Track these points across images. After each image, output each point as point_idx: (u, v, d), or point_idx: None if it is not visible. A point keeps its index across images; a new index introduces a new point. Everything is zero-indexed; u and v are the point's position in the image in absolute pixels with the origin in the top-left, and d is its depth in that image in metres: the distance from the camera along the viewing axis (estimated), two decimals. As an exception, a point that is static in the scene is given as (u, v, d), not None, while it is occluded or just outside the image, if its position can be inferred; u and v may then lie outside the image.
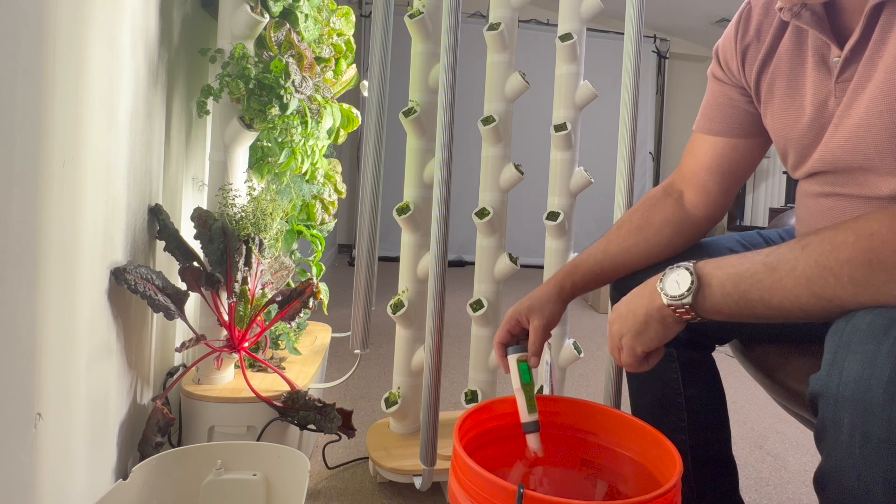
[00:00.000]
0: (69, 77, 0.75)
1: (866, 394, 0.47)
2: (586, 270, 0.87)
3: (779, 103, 0.74)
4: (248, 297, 1.12)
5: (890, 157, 0.60)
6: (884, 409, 0.46)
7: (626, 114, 1.14)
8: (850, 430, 0.48)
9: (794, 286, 0.54)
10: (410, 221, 1.22)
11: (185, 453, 0.91)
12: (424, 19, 1.19)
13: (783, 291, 0.54)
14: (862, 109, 0.62)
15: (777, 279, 0.55)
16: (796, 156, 0.74)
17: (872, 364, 0.47)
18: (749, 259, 0.58)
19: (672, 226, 0.86)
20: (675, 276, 0.62)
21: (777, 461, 1.46)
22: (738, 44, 0.78)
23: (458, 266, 4.56)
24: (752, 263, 0.57)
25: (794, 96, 0.72)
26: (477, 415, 0.79)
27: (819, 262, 0.52)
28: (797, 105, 0.71)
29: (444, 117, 1.02)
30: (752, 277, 0.56)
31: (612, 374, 1.12)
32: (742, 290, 0.57)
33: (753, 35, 0.76)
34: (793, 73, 0.72)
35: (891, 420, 0.45)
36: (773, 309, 0.55)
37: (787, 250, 0.55)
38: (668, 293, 0.61)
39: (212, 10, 1.25)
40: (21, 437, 0.68)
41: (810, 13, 0.66)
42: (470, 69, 2.77)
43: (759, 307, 0.56)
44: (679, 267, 0.62)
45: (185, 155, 1.27)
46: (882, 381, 0.46)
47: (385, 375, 1.92)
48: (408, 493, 1.19)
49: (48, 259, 0.72)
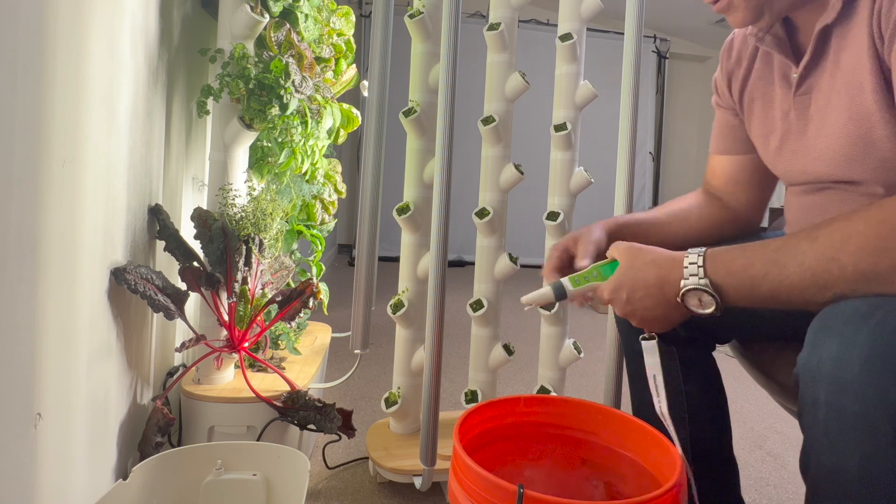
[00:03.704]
0: (69, 77, 0.75)
1: (842, 371, 0.47)
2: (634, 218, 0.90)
3: (756, 119, 0.81)
4: (248, 297, 1.12)
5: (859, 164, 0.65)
6: (859, 384, 0.46)
7: (626, 114, 1.14)
8: (826, 407, 0.49)
9: (799, 281, 0.54)
10: (410, 221, 1.22)
11: (185, 453, 0.91)
12: (424, 19, 1.19)
13: (790, 287, 0.55)
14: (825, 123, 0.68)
15: (785, 276, 0.55)
16: (776, 168, 0.79)
17: (851, 343, 0.47)
18: (759, 258, 0.58)
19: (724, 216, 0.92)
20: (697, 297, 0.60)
21: (777, 461, 1.46)
22: (724, 71, 0.87)
23: (458, 266, 4.56)
24: (762, 264, 0.57)
25: (767, 112, 0.78)
26: (477, 415, 0.79)
27: (826, 253, 0.52)
28: (770, 119, 0.78)
29: (444, 117, 1.02)
30: (764, 278, 0.57)
31: (612, 374, 1.12)
32: (755, 294, 0.58)
33: (735, 61, 0.85)
34: (765, 91, 0.79)
35: (864, 395, 0.46)
36: (782, 303, 0.56)
37: (796, 242, 0.55)
38: (694, 311, 0.62)
39: (212, 10, 1.25)
40: (21, 437, 0.68)
41: (772, 37, 0.73)
42: (470, 69, 2.77)
43: (770, 302, 0.57)
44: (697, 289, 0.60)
45: (185, 155, 1.27)
46: (860, 360, 0.46)
47: (385, 375, 1.92)
48: (408, 493, 1.19)
49: (48, 259, 0.72)
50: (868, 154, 0.64)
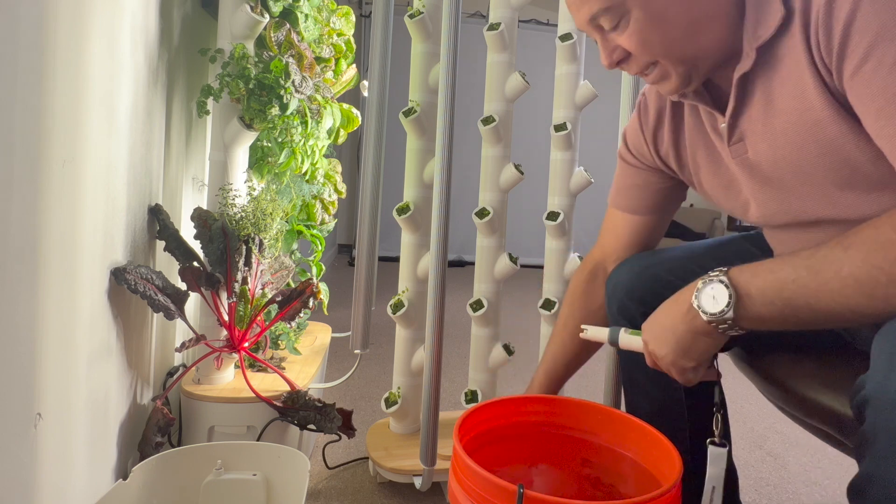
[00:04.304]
0: (69, 77, 0.75)
1: None
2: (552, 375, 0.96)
3: (706, 172, 0.78)
4: (248, 297, 1.12)
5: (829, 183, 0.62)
6: None
7: (626, 114, 1.14)
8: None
9: (842, 288, 0.53)
10: (410, 221, 1.22)
11: (185, 453, 0.91)
12: (424, 19, 1.19)
13: (830, 294, 0.53)
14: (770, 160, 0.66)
15: (822, 282, 0.54)
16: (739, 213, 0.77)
17: None
18: (787, 263, 0.57)
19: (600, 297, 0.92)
20: (711, 291, 0.60)
21: (777, 461, 1.46)
22: (644, 132, 0.83)
23: (458, 266, 4.56)
24: (791, 268, 0.56)
25: (718, 162, 0.76)
26: (477, 415, 0.79)
27: (867, 261, 0.51)
28: (724, 169, 0.75)
29: (444, 117, 1.02)
30: (795, 283, 0.55)
31: (612, 374, 1.12)
32: (786, 297, 0.56)
33: (655, 120, 0.82)
34: (705, 143, 0.76)
35: None
36: (820, 313, 0.54)
37: (827, 252, 0.54)
38: (707, 310, 0.60)
39: (212, 10, 1.25)
40: (21, 437, 0.68)
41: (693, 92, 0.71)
42: (470, 69, 2.77)
43: (805, 312, 0.55)
44: (712, 280, 0.60)
45: (185, 155, 1.27)
46: None
47: (385, 375, 1.92)
48: (408, 493, 1.19)
49: (48, 259, 0.72)
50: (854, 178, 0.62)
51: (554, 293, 1.29)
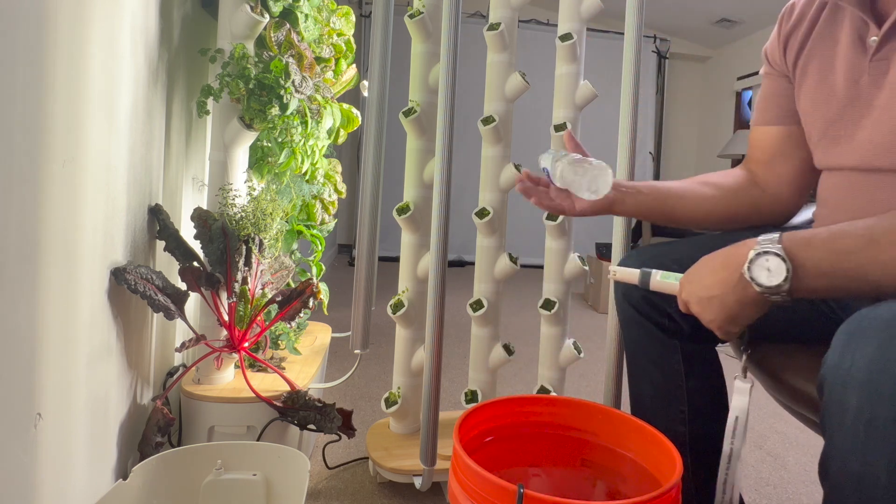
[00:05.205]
0: (69, 77, 0.75)
1: (877, 376, 0.46)
2: (649, 186, 0.85)
3: (810, 83, 0.75)
4: (248, 297, 1.12)
5: None
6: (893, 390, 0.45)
7: (626, 114, 1.14)
8: (855, 412, 0.48)
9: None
10: (410, 221, 1.22)
11: (185, 453, 0.91)
12: (424, 19, 1.19)
13: (884, 266, 0.53)
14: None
15: (878, 252, 0.53)
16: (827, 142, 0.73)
17: (888, 348, 0.46)
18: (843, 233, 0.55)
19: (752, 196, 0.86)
20: (766, 263, 0.58)
21: (777, 461, 1.46)
22: (780, 33, 0.81)
23: (458, 266, 4.56)
24: (850, 239, 0.55)
25: (825, 76, 0.73)
26: (477, 415, 0.79)
27: None
28: (829, 85, 0.72)
29: (444, 117, 1.02)
30: (851, 253, 0.54)
31: (612, 374, 1.12)
32: (843, 268, 0.55)
33: (796, 21, 0.79)
34: (826, 54, 0.73)
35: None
36: (872, 283, 0.54)
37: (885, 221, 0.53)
38: (761, 283, 0.58)
39: (212, 10, 1.25)
40: (21, 437, 0.68)
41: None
42: (470, 69, 2.77)
43: (857, 283, 0.55)
44: (767, 253, 0.57)
45: (185, 155, 1.27)
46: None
47: (385, 375, 1.92)
48: (408, 493, 1.19)
49: (48, 259, 0.72)
50: None
51: (554, 293, 1.29)
